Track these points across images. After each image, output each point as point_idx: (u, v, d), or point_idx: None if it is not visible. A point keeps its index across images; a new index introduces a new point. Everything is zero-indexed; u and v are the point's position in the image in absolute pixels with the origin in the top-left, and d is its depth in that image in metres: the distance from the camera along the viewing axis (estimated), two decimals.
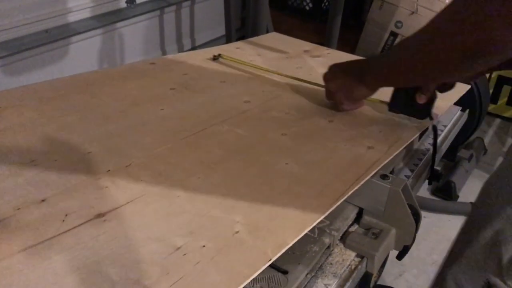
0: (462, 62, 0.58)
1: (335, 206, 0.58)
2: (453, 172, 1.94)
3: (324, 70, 1.05)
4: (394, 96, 0.84)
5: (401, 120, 0.85)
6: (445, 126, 0.96)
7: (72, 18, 2.09)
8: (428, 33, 0.63)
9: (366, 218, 0.69)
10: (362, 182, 0.63)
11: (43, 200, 0.52)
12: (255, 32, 1.99)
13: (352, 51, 2.39)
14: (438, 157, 0.89)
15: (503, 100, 2.29)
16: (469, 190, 1.95)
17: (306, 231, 0.52)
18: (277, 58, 1.10)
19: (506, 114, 2.29)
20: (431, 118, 0.82)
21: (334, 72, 0.83)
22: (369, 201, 0.68)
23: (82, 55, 2.17)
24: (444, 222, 1.76)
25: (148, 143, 0.67)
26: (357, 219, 0.70)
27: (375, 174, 0.67)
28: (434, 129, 0.83)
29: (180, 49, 2.76)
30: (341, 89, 0.81)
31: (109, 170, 0.59)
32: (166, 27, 2.60)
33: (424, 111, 0.82)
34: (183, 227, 0.51)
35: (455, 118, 1.00)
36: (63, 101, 0.75)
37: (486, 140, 2.23)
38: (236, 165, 0.64)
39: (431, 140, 0.89)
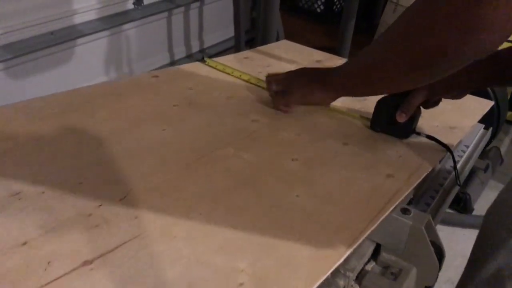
0: (411, 71, 0.56)
1: (351, 249, 0.52)
2: (468, 184, 1.87)
3: None
4: (375, 114, 0.80)
5: (421, 142, 0.78)
6: (467, 146, 0.89)
7: (78, 19, 2.06)
8: (381, 42, 0.62)
9: (384, 255, 0.63)
10: (381, 219, 0.57)
11: (24, 243, 0.46)
12: (265, 35, 1.94)
13: None
14: (461, 179, 0.82)
15: None
16: (485, 202, 1.88)
17: (320, 282, 0.47)
18: (287, 69, 1.04)
19: None
20: (418, 134, 0.78)
21: (301, 72, 0.81)
22: (387, 237, 0.62)
23: (88, 57, 2.13)
24: (458, 236, 1.69)
25: (146, 171, 0.61)
26: (374, 255, 0.64)
27: (395, 207, 0.60)
28: (452, 155, 0.77)
29: (188, 51, 2.71)
30: (301, 89, 0.78)
31: (101, 204, 0.53)
32: (174, 29, 2.55)
33: (406, 130, 0.78)
34: (180, 278, 0.45)
35: (477, 137, 0.94)
36: (57, 120, 0.70)
37: (503, 150, 2.15)
38: (241, 198, 0.58)
39: (452, 162, 0.82)
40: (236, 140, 0.71)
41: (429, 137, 0.78)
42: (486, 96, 1.02)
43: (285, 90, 0.80)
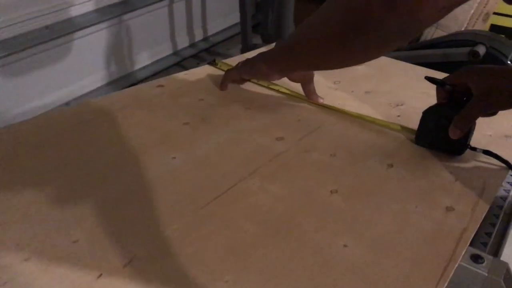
0: (340, 39, 0.56)
1: None
2: None
3: (364, 83, 0.87)
4: (421, 126, 0.68)
5: (477, 158, 0.66)
6: None
7: (75, 12, 1.95)
8: (314, 14, 0.61)
9: None
10: (452, 273, 0.46)
11: None
12: (280, 25, 1.82)
13: None
14: None
15: None
16: None
17: None
18: None
19: None
20: (473, 149, 0.67)
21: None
22: None
23: (87, 51, 2.02)
24: None
25: (154, 219, 0.49)
26: None
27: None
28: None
29: (192, 40, 2.59)
30: (250, 63, 0.76)
31: (100, 274, 0.42)
32: (176, 17, 2.43)
33: (460, 145, 0.66)
34: None
35: None
36: (44, 149, 0.58)
37: None
38: (275, 252, 0.46)
39: (510, 178, 0.70)
40: (260, 166, 0.59)
41: (487, 152, 0.66)
42: None
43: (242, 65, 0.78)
